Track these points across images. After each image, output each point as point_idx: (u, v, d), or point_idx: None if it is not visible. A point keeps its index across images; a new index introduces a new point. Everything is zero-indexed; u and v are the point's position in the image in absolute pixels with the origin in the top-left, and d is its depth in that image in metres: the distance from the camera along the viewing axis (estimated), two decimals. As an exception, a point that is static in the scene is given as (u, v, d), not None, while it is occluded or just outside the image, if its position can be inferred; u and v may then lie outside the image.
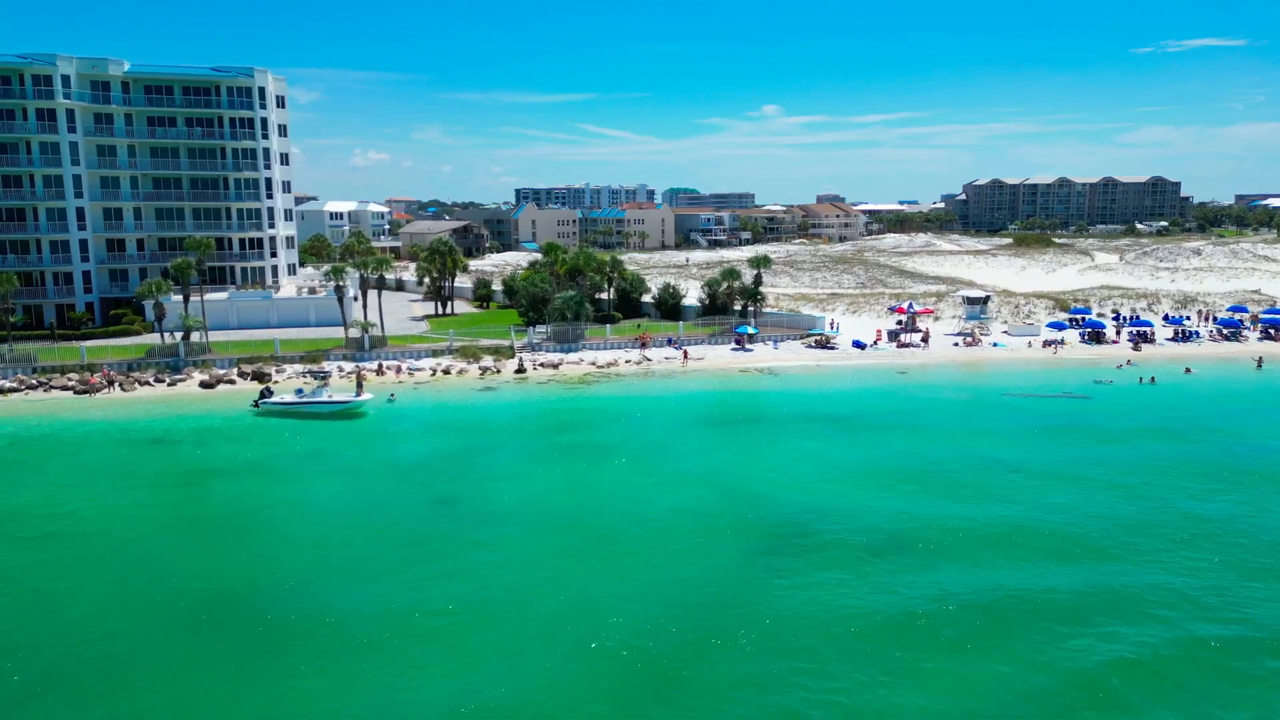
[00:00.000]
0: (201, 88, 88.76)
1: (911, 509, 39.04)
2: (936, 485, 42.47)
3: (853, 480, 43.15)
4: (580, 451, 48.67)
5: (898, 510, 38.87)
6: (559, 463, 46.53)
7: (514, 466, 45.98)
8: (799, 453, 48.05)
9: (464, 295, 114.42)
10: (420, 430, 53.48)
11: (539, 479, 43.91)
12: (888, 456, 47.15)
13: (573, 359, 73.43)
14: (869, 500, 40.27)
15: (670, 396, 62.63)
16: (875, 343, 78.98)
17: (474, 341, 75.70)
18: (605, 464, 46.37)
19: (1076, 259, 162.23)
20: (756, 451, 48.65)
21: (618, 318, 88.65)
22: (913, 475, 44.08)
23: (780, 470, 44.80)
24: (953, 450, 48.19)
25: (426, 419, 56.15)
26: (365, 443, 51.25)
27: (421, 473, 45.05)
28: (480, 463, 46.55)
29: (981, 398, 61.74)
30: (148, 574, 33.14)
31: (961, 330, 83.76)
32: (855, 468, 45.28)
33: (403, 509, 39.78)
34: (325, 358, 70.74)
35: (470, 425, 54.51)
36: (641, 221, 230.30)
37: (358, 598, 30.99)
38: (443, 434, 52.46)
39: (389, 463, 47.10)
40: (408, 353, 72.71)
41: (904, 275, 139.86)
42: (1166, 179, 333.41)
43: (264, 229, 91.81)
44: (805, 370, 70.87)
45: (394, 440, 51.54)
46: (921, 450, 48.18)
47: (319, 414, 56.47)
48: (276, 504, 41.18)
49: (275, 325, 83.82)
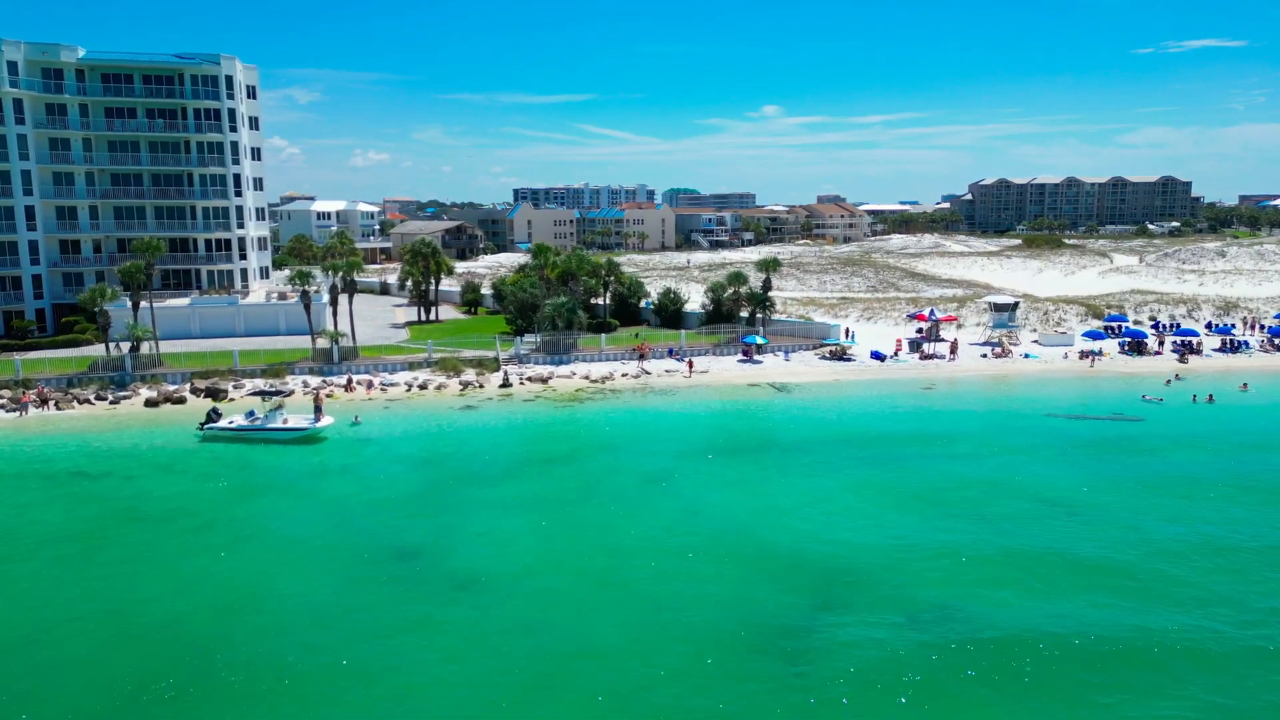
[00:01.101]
0: (164, 76, 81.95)
1: (966, 574, 32.25)
2: (987, 538, 35.65)
3: (891, 529, 36.29)
4: (567, 488, 41.85)
5: (953, 580, 32.06)
6: (539, 505, 39.66)
7: (486, 509, 39.13)
8: (823, 490, 41.19)
9: (451, 300, 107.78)
10: (384, 460, 46.63)
11: (514, 528, 37.03)
12: (926, 496, 40.31)
13: (564, 372, 66.64)
14: (915, 561, 33.45)
15: (672, 416, 55.82)
16: (895, 354, 72.19)
17: (455, 353, 68.90)
18: (595, 506, 39.54)
19: (1095, 260, 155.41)
20: (773, 488, 41.78)
21: (614, 325, 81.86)
22: (958, 521, 37.30)
23: (803, 514, 37.94)
24: (998, 488, 41.40)
25: (393, 446, 49.31)
26: (317, 478, 44.37)
27: (376, 518, 38.20)
28: (447, 504, 39.69)
29: (1020, 419, 54.87)
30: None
31: (988, 340, 76.97)
32: (891, 511, 38.44)
33: (345, 568, 32.92)
34: (289, 371, 63.93)
35: (442, 454, 47.67)
36: (641, 222, 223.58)
37: (257, 696, 24.19)
38: (409, 465, 45.61)
39: (340, 505, 40.23)
40: (381, 365, 65.91)
41: (916, 278, 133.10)
42: (1177, 179, 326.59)
43: (232, 229, 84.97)
44: (821, 385, 64.04)
45: (351, 474, 44.67)
46: (963, 488, 41.36)
47: (271, 440, 49.67)
48: (190, 556, 34.29)
49: (242, 334, 77.09)
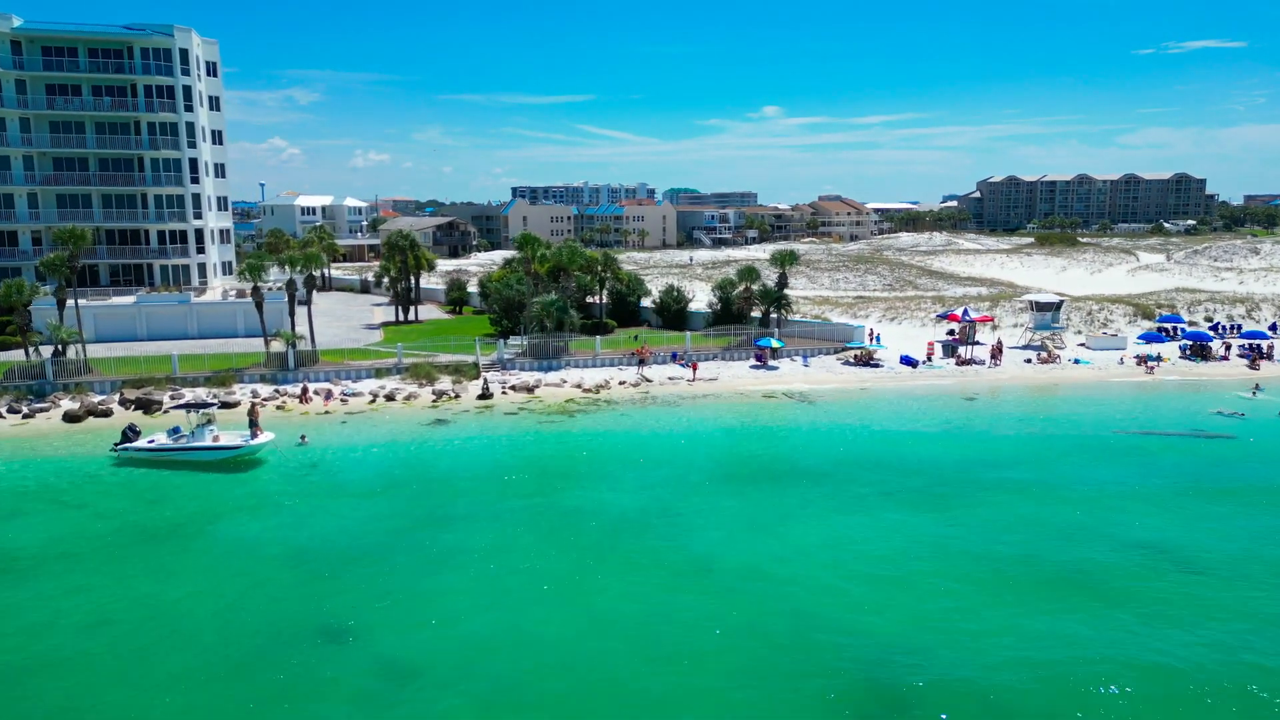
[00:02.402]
0: (111, 49, 73.83)
1: (1060, 651, 24.07)
2: (1082, 601, 27.48)
3: (963, 600, 28.07)
4: (546, 530, 33.59)
5: (1041, 658, 23.88)
6: (510, 555, 31.40)
7: (443, 561, 30.89)
8: (866, 536, 32.96)
9: (436, 298, 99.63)
10: (326, 491, 38.39)
11: (475, 589, 28.80)
12: (997, 547, 32.11)
13: (552, 380, 58.41)
14: (993, 634, 25.28)
15: (676, 433, 47.61)
16: (928, 358, 63.99)
17: (430, 358, 60.66)
18: (579, 557, 31.29)
19: (1120, 258, 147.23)
20: (802, 533, 33.52)
21: (610, 326, 73.68)
22: (1042, 575, 29.17)
23: (845, 572, 29.70)
24: (1086, 533, 33.22)
25: (342, 471, 41.06)
26: (238, 516, 36.08)
27: (301, 574, 29.98)
28: (394, 554, 31.42)
29: (1084, 437, 46.66)
30: None
31: (1029, 342, 68.78)
32: (958, 571, 30.20)
33: (243, 655, 24.72)
34: (237, 379, 55.73)
35: (399, 482, 39.41)
36: (641, 219, 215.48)
37: None
38: (355, 498, 37.37)
39: (260, 554, 31.98)
40: (344, 372, 57.70)
41: (934, 276, 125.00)
42: (1191, 176, 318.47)
43: (188, 219, 76.79)
44: (847, 396, 55.82)
45: (283, 510, 36.44)
46: (1039, 533, 33.18)
47: (197, 463, 41.50)
48: (28, 642, 26.12)
49: (195, 336, 68.92)
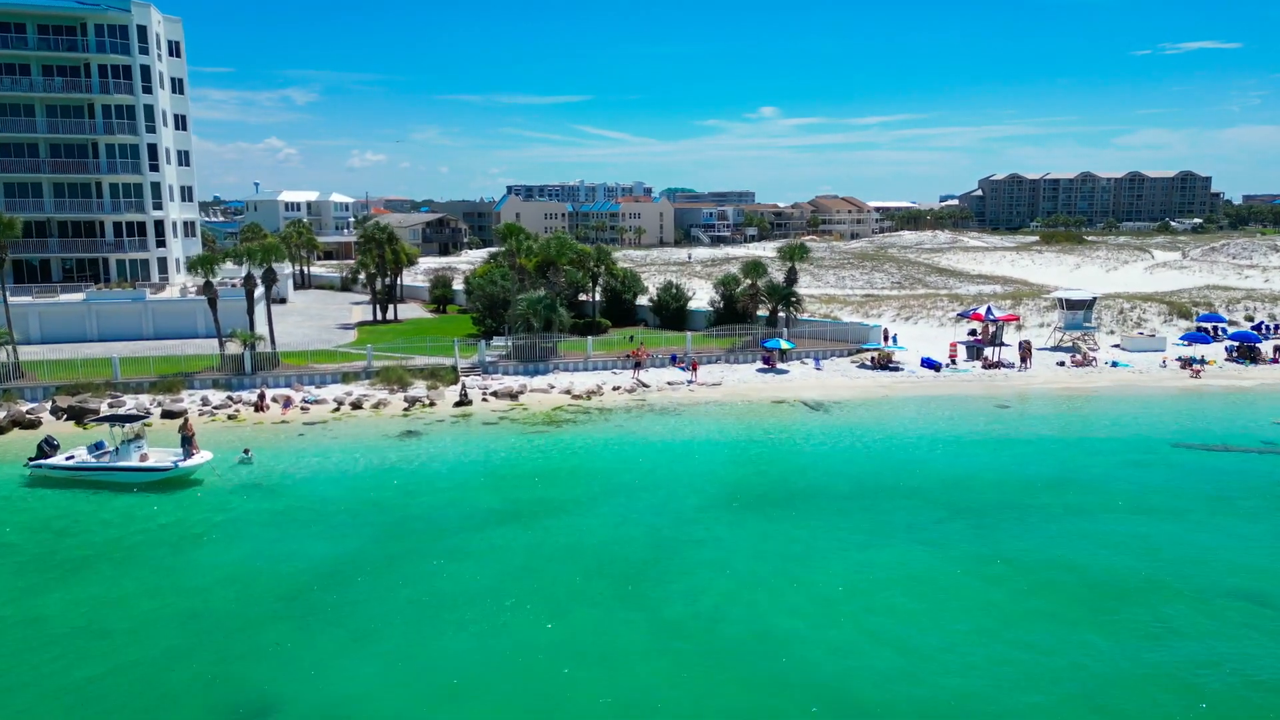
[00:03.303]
0: (63, 26, 68.00)
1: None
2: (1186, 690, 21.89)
3: (1017, 662, 22.46)
4: (517, 574, 27.88)
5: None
6: (469, 607, 25.73)
7: (382, 621, 25.16)
8: (903, 577, 27.34)
9: (420, 296, 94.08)
10: (265, 521, 32.64)
11: (413, 661, 23.11)
12: (1055, 590, 26.55)
13: (539, 384, 52.75)
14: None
15: (676, 446, 41.95)
16: (951, 361, 58.40)
17: (405, 360, 54.95)
18: (555, 609, 25.62)
19: (1135, 255, 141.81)
20: (826, 573, 27.85)
21: (604, 326, 68.06)
22: (1129, 646, 23.59)
23: (880, 628, 24.07)
24: (1162, 568, 27.68)
25: (288, 497, 35.28)
26: (159, 550, 30.30)
27: (215, 634, 24.27)
28: (325, 610, 25.70)
29: (1140, 452, 41.04)
30: None
31: (1060, 343, 63.24)
32: (1013, 627, 24.58)
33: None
34: (186, 384, 50.00)
35: (350, 510, 33.66)
36: (637, 216, 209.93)
37: None
38: (292, 532, 31.62)
39: (168, 604, 26.29)
40: (308, 376, 52.00)
41: (943, 274, 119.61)
42: (1196, 173, 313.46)
43: (147, 210, 70.99)
44: (866, 403, 50.20)
45: (207, 546, 30.69)
46: (1111, 574, 27.59)
47: (120, 483, 35.76)
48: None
49: (150, 336, 63.28)
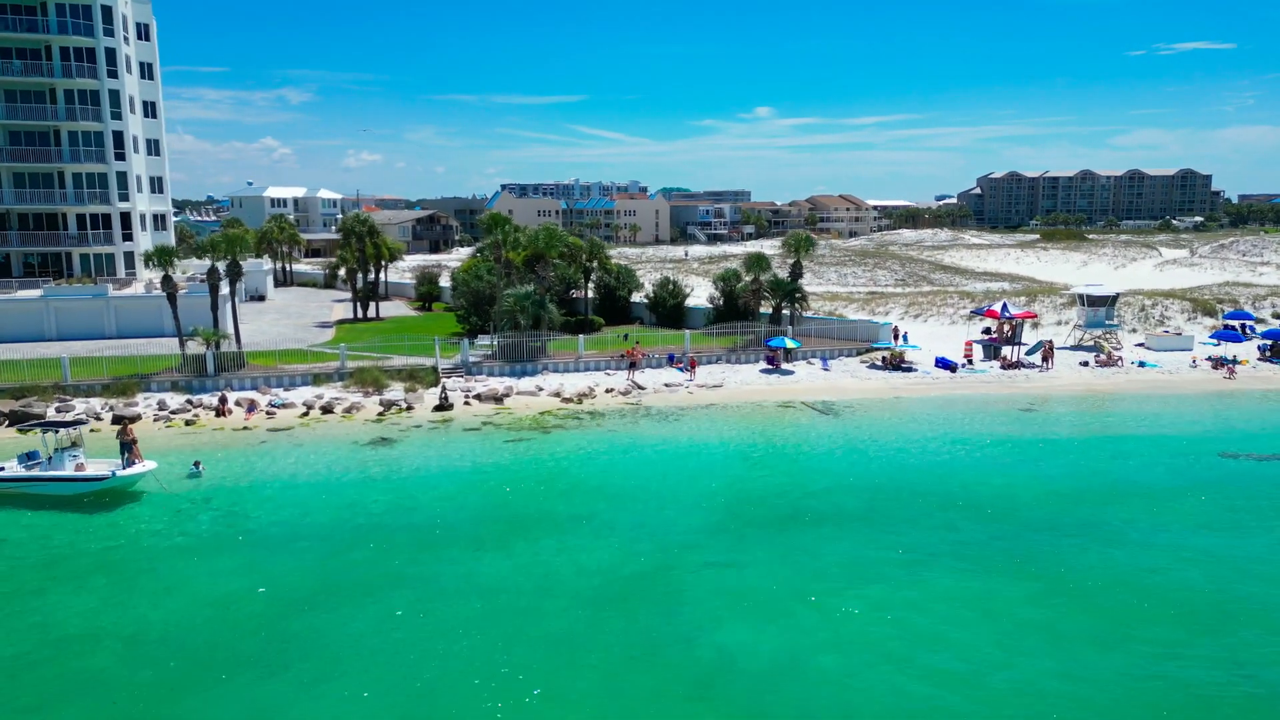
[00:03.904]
0: (21, 6, 63.95)
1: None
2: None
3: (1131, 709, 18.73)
4: (493, 612, 24.07)
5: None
6: (441, 660, 21.93)
7: (340, 666, 21.38)
8: (933, 611, 23.61)
9: (405, 294, 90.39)
10: (210, 546, 28.70)
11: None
12: (1111, 630, 22.88)
13: (526, 387, 48.94)
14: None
15: (676, 454, 38.16)
16: (968, 360, 54.72)
17: (382, 360, 51.09)
18: (535, 659, 21.82)
19: (1142, 253, 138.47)
20: (866, 603, 24.10)
21: (597, 324, 64.28)
22: (1216, 664, 19.89)
23: (946, 675, 20.34)
24: (1231, 594, 23.98)
25: (239, 515, 31.38)
26: (91, 579, 26.36)
27: (141, 682, 20.43)
28: (275, 654, 21.86)
29: (1184, 460, 37.39)
30: None
31: (1080, 342, 59.61)
32: (1078, 681, 20.85)
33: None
34: (142, 387, 46.10)
35: (310, 532, 29.76)
36: (633, 213, 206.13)
37: None
38: (246, 557, 27.76)
39: (88, 649, 22.41)
40: (276, 378, 48.13)
41: (947, 271, 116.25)
42: (1197, 171, 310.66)
43: (112, 201, 66.99)
44: (879, 406, 46.48)
45: (141, 577, 26.75)
46: (1173, 609, 23.91)
47: (54, 497, 31.87)
48: None
49: (113, 335, 59.41)
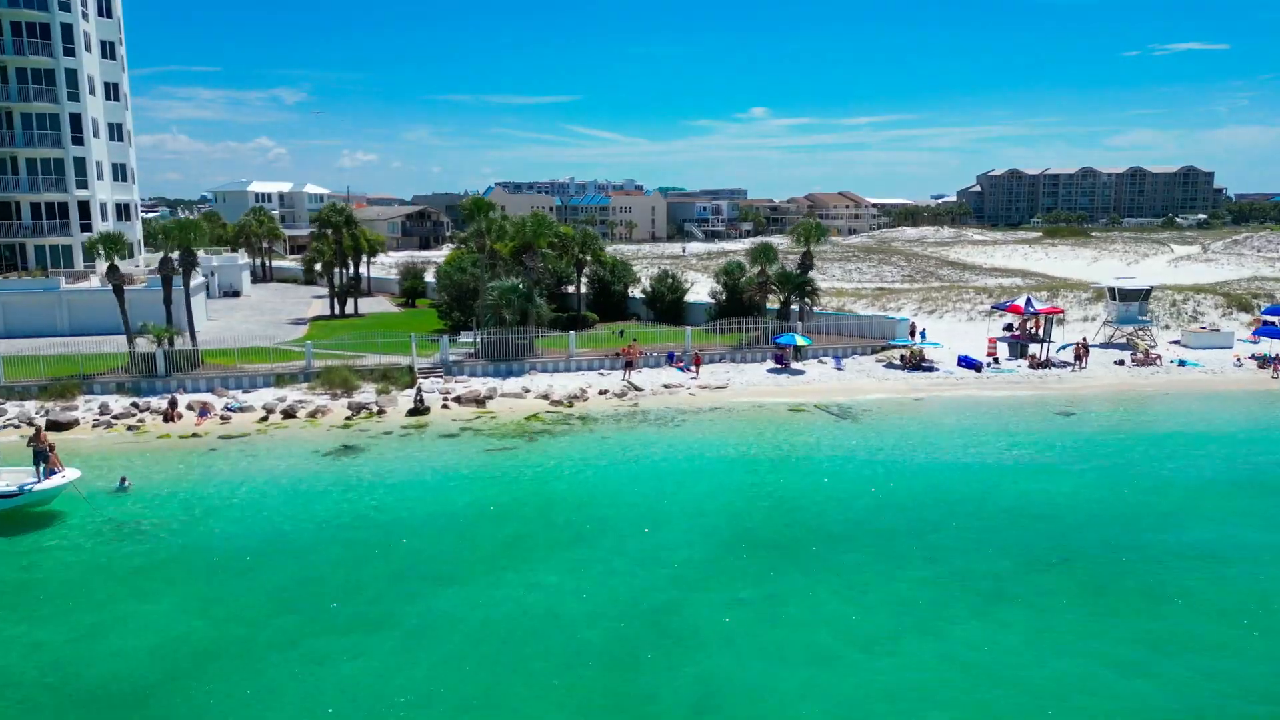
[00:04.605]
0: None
1: None
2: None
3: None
4: (460, 666, 19.66)
5: None
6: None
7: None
8: (995, 661, 19.26)
9: (389, 289, 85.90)
10: (125, 577, 24.21)
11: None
12: (1222, 686, 18.50)
13: (512, 388, 44.48)
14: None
15: (676, 466, 33.74)
16: (993, 359, 50.39)
17: (355, 359, 46.59)
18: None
19: (1154, 248, 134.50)
20: (906, 652, 19.76)
21: (591, 320, 59.85)
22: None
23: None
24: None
25: (169, 537, 26.88)
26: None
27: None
28: (194, 717, 17.49)
29: (1255, 470, 33.10)
30: None
31: (1111, 339, 55.30)
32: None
33: None
34: (84, 389, 41.53)
35: (249, 558, 25.28)
36: (629, 209, 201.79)
37: None
38: (171, 590, 23.30)
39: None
40: (236, 378, 43.61)
41: (955, 267, 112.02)
42: (1199, 169, 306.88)
43: (69, 189, 62.32)
44: (900, 409, 42.11)
45: (39, 614, 22.27)
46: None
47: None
48: None
49: (66, 332, 54.86)
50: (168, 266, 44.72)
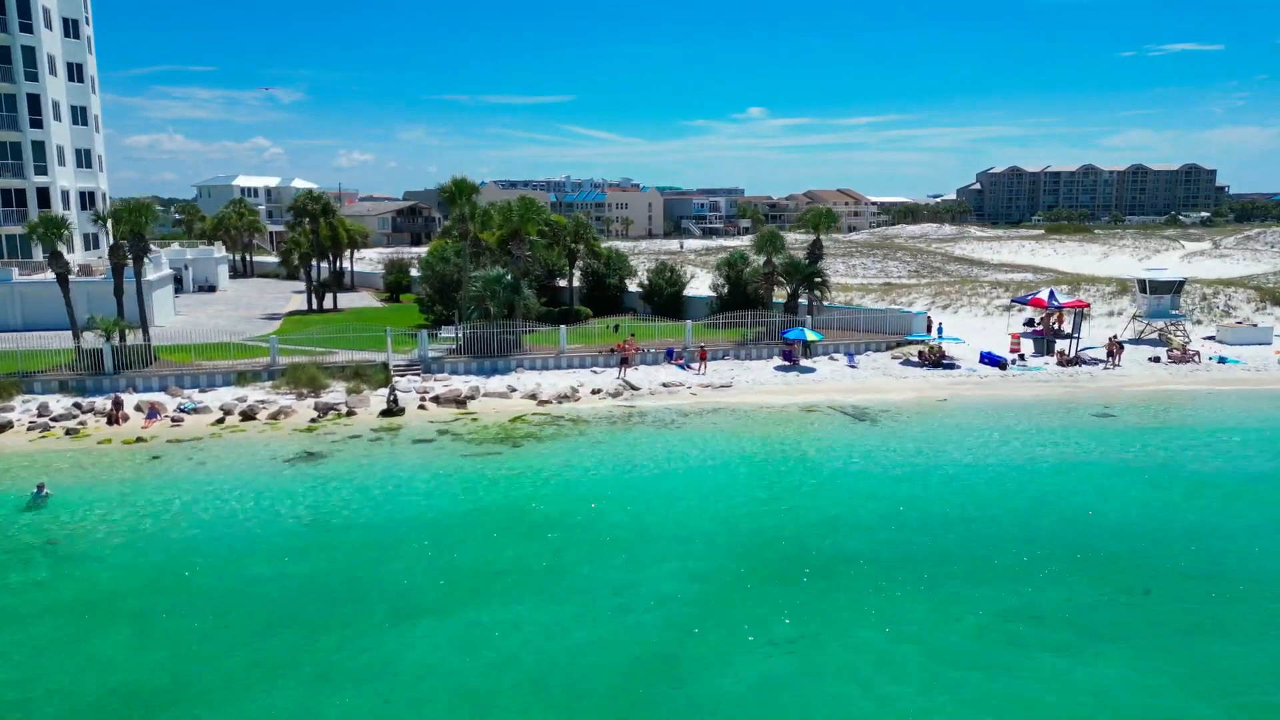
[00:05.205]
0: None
1: None
2: None
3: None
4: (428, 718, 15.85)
5: None
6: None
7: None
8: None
9: (374, 284, 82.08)
10: (19, 620, 20.39)
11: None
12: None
13: (496, 387, 40.61)
14: None
15: (678, 476, 29.94)
16: (1017, 356, 46.65)
17: (325, 355, 42.71)
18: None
19: (1164, 244, 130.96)
20: (981, 707, 15.97)
21: (584, 315, 56.02)
22: None
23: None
24: None
25: (80, 566, 23.05)
26: None
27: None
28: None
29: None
30: None
31: (1140, 335, 51.58)
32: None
33: None
34: (22, 388, 37.61)
35: (166, 589, 21.45)
36: (625, 206, 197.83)
37: None
38: (73, 636, 19.48)
39: None
40: (192, 376, 39.71)
41: (961, 263, 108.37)
42: (1202, 166, 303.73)
43: (28, 175, 58.35)
44: (924, 410, 38.29)
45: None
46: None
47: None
48: None
49: (18, 326, 51.21)
50: (118, 254, 40.78)
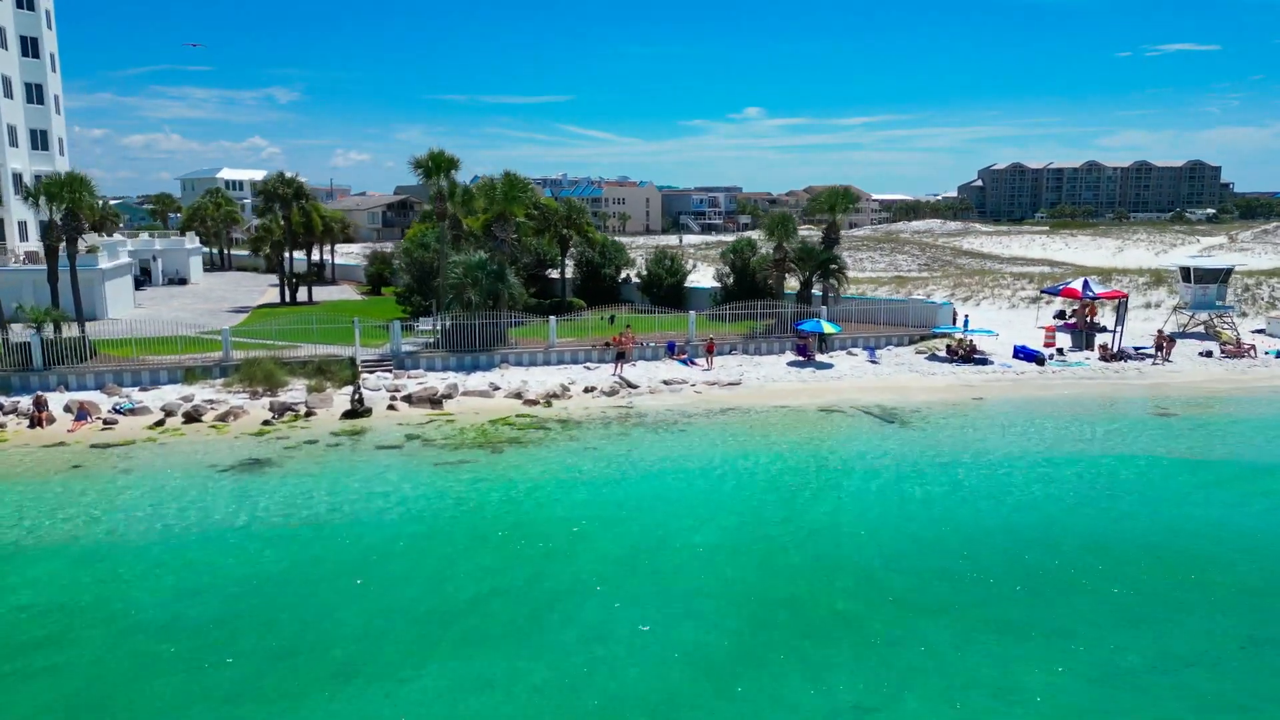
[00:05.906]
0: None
1: None
2: None
3: None
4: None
5: None
6: None
7: None
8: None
9: (355, 277, 77.69)
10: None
11: None
12: None
13: (478, 384, 36.16)
14: None
15: (679, 492, 25.56)
16: (1057, 350, 42.31)
17: (284, 351, 38.22)
18: None
19: (1178, 238, 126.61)
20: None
21: (578, 306, 51.62)
22: None
23: None
24: None
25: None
26: None
27: None
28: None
29: None
30: None
31: (1183, 327, 47.31)
32: None
33: None
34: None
35: (54, 637, 17.05)
36: (622, 201, 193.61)
37: None
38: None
39: None
40: (134, 373, 35.23)
41: (972, 257, 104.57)
42: (1206, 163, 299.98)
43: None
44: (959, 410, 33.91)
45: None
46: None
47: None
48: None
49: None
50: (52, 234, 36.30)
